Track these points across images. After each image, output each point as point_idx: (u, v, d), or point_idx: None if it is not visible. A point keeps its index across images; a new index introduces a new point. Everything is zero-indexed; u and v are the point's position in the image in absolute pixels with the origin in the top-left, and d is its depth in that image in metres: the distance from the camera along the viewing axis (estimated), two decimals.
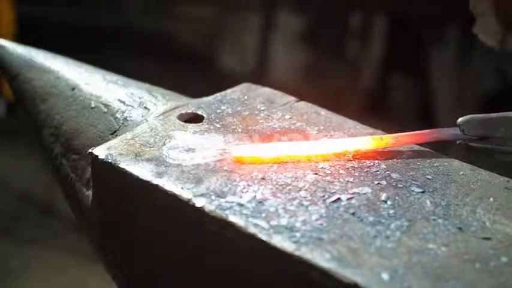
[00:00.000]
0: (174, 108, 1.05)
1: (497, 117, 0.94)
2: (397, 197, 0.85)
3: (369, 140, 0.94)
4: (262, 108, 1.06)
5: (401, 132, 0.96)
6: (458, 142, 0.95)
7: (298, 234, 0.76)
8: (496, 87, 3.36)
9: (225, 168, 0.89)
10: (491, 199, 0.86)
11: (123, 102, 1.07)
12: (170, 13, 4.15)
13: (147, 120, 1.02)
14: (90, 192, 0.99)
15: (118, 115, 1.05)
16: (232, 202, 0.81)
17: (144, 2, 4.37)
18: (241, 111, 1.04)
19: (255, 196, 0.83)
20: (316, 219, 0.79)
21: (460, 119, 0.95)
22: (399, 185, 0.87)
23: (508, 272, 0.73)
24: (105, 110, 1.06)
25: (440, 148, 0.98)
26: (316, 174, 0.88)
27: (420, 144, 0.97)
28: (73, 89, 1.11)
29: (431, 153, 0.96)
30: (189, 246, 0.84)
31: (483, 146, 0.94)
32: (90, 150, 0.93)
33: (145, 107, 1.06)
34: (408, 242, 0.77)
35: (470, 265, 0.74)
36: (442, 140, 0.96)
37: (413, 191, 0.86)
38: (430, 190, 0.87)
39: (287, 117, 1.04)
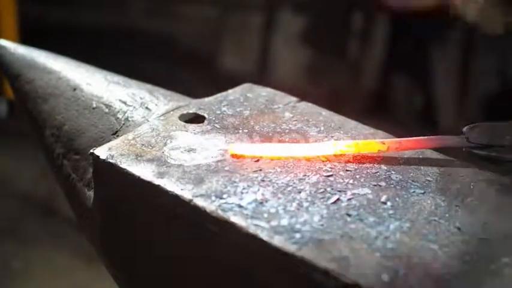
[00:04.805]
0: (176, 108, 1.05)
1: (503, 125, 0.93)
2: (397, 198, 0.85)
3: (372, 144, 0.93)
4: (263, 109, 1.06)
5: (403, 134, 0.96)
6: (463, 149, 0.94)
7: (299, 235, 0.76)
8: (497, 88, 3.37)
9: (226, 168, 0.89)
10: (491, 199, 0.86)
11: (125, 103, 1.07)
12: (172, 13, 4.15)
13: (148, 121, 1.02)
14: (91, 193, 0.99)
15: (119, 115, 1.05)
16: (232, 203, 0.81)
17: (146, 2, 4.37)
18: (243, 111, 1.05)
19: (255, 197, 0.83)
20: (317, 220, 0.79)
21: (465, 127, 0.93)
22: (399, 186, 0.87)
23: (508, 273, 0.73)
24: (107, 110, 1.06)
25: (441, 149, 0.97)
26: (317, 175, 0.88)
27: None
28: (74, 89, 1.11)
29: (431, 154, 0.96)
30: (189, 246, 0.84)
31: (488, 154, 0.92)
32: (91, 151, 0.93)
33: (147, 108, 1.06)
34: (409, 242, 0.77)
35: (471, 266, 0.74)
36: (447, 147, 0.95)
37: (413, 191, 0.87)
38: (431, 191, 0.87)
39: (288, 117, 1.04)
